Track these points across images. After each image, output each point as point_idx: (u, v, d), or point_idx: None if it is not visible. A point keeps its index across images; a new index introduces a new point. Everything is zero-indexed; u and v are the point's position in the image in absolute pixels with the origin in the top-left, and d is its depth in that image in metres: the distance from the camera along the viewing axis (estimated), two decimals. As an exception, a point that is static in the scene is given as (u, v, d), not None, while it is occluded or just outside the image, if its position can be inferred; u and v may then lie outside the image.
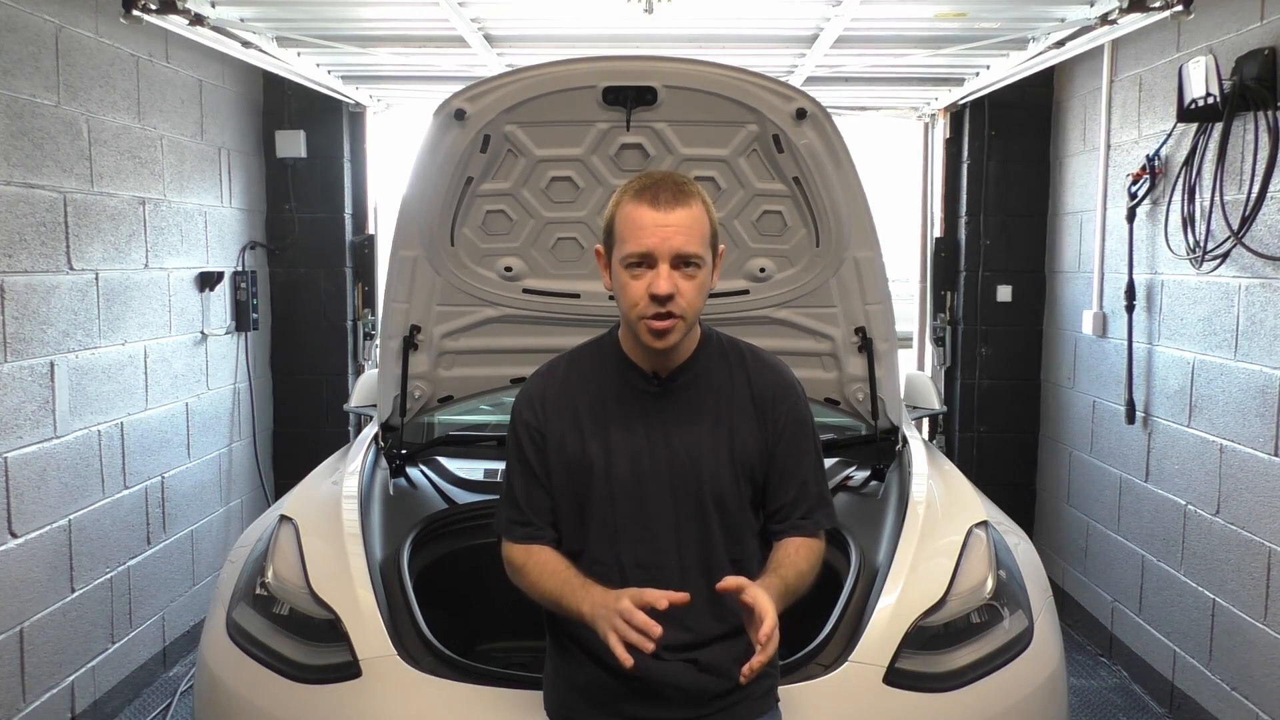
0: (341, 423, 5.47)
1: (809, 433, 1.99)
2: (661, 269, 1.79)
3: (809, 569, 1.91)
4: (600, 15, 3.92)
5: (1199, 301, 3.81)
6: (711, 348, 1.98)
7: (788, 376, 2.02)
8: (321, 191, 5.43)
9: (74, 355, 3.66)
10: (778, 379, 1.99)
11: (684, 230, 1.79)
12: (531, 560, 1.93)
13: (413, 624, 2.39)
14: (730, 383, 1.96)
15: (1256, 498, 3.45)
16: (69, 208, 3.60)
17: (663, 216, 1.79)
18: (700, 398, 1.94)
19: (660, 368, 1.93)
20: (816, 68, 4.61)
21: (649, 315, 1.81)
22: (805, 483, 1.96)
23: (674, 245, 1.79)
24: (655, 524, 1.92)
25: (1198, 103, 3.57)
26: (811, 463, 1.98)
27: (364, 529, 2.70)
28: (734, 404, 1.94)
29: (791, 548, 1.92)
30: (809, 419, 1.99)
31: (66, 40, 3.59)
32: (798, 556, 1.90)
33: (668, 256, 1.79)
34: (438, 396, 3.38)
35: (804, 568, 1.90)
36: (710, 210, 1.87)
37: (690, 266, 1.81)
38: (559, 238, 3.09)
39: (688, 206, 1.81)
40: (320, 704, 2.26)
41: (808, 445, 1.98)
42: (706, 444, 1.92)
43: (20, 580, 3.39)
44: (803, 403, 2.00)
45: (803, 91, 2.81)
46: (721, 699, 1.93)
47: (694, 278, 1.82)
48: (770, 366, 2.01)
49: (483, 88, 2.78)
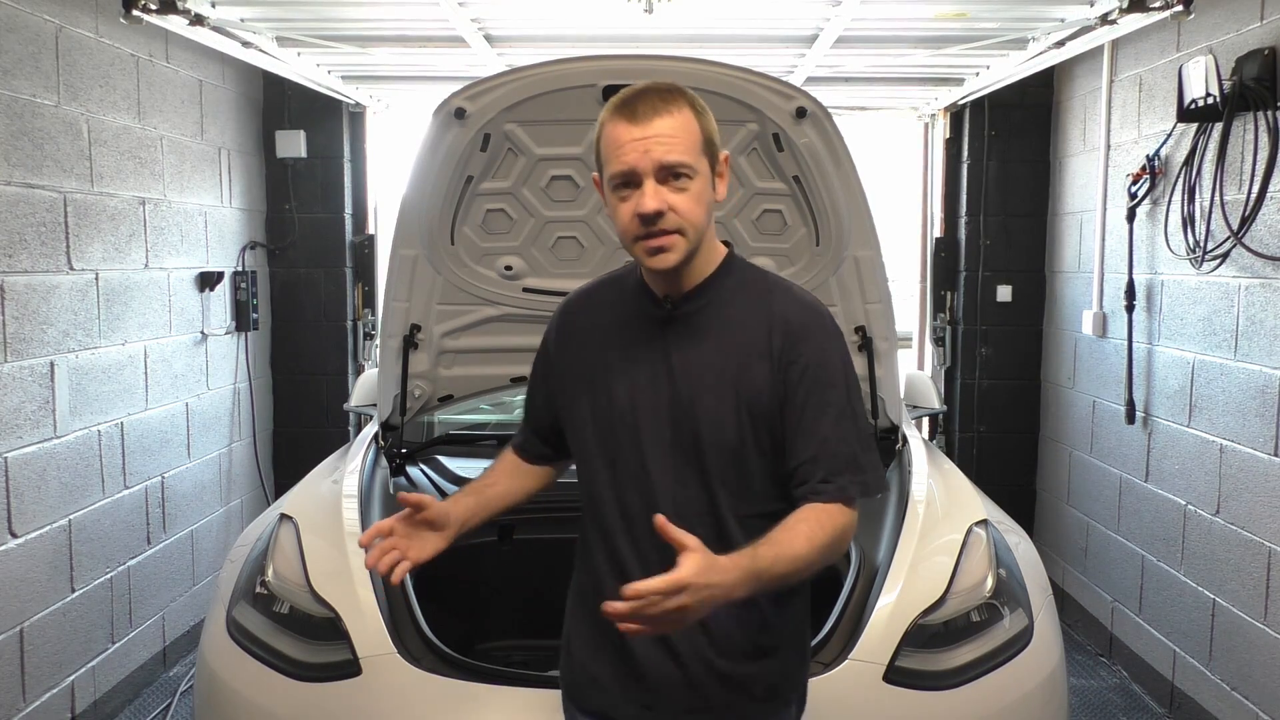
0: (341, 422, 5.47)
1: (837, 381, 1.71)
2: (647, 185, 1.65)
3: (809, 550, 1.59)
4: (600, 15, 3.92)
5: (1199, 301, 3.81)
6: (733, 275, 1.78)
7: (815, 314, 1.75)
8: (321, 191, 5.43)
9: (74, 355, 3.66)
10: (802, 315, 1.74)
11: (666, 139, 1.65)
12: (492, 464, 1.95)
13: (413, 622, 2.39)
14: (747, 315, 1.74)
15: (1256, 498, 3.45)
16: (69, 208, 3.61)
17: (641, 130, 1.65)
18: (708, 327, 1.75)
19: (672, 291, 1.77)
20: (816, 67, 4.61)
21: (642, 235, 1.68)
22: (826, 440, 1.68)
23: (655, 157, 1.64)
24: (652, 465, 1.76)
25: (1198, 103, 3.58)
26: (835, 417, 1.69)
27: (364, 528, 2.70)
28: (747, 339, 1.72)
29: (797, 519, 1.63)
30: (838, 366, 1.72)
31: (66, 40, 3.59)
32: (794, 532, 1.60)
33: (651, 171, 1.65)
34: (438, 395, 3.38)
35: (799, 547, 1.59)
36: (702, 114, 1.71)
37: (680, 178, 1.66)
38: (559, 236, 3.10)
39: (669, 114, 1.66)
40: (320, 702, 2.26)
41: (832, 396, 1.69)
42: (708, 381, 1.73)
43: (20, 580, 3.39)
44: (831, 346, 1.73)
45: (803, 90, 2.81)
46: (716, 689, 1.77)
47: (685, 189, 1.66)
48: (797, 300, 1.76)
49: (483, 86, 2.79)
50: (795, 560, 1.59)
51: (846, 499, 1.67)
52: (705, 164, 1.70)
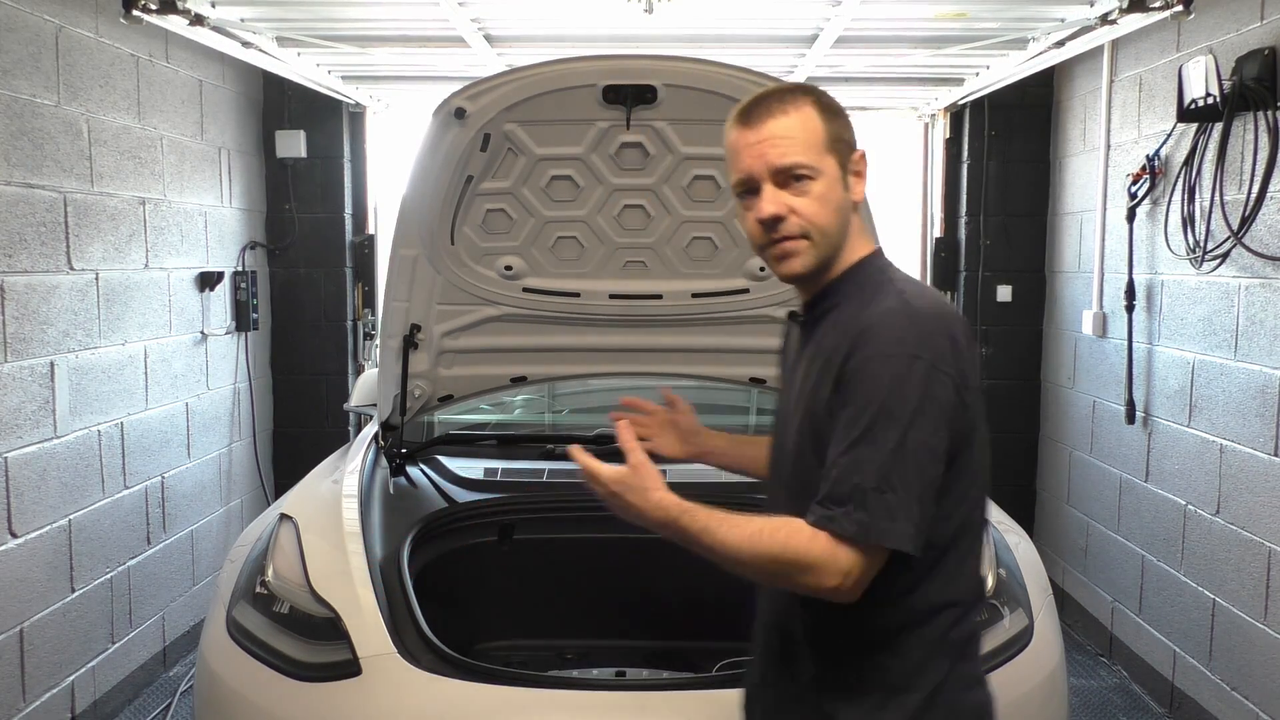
0: (341, 423, 5.47)
1: (873, 400, 1.48)
2: (765, 190, 1.58)
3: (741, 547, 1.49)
4: (600, 15, 3.92)
5: (1199, 301, 3.81)
6: (853, 279, 1.64)
7: (890, 320, 1.53)
8: (321, 191, 5.43)
9: (74, 355, 3.66)
10: (876, 319, 1.54)
11: (780, 141, 1.57)
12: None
13: (413, 622, 2.39)
14: (845, 321, 1.59)
15: (1256, 498, 3.44)
16: (69, 208, 3.61)
17: (755, 134, 1.59)
18: (822, 338, 1.62)
19: (810, 299, 1.69)
20: (816, 68, 4.61)
21: (766, 243, 1.61)
22: (838, 462, 1.49)
23: (769, 160, 1.57)
24: (770, 474, 1.77)
25: (1198, 103, 3.58)
26: (855, 440, 1.47)
27: (364, 528, 2.70)
28: (831, 346, 1.58)
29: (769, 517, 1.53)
30: (882, 383, 1.48)
31: (66, 40, 3.59)
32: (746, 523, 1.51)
33: (768, 175, 1.58)
34: (438, 395, 3.38)
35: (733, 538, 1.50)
36: (828, 112, 1.61)
37: (801, 180, 1.57)
38: (559, 236, 3.10)
39: (784, 115, 1.58)
40: (320, 702, 2.26)
41: (863, 417, 1.48)
42: (800, 391, 1.64)
43: (20, 580, 3.38)
44: (878, 359, 1.49)
45: (803, 90, 2.81)
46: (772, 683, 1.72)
47: (808, 191, 1.57)
48: (886, 305, 1.56)
49: (483, 86, 2.79)
50: (721, 544, 1.51)
51: (833, 530, 1.46)
52: (831, 162, 1.59)
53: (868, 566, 1.47)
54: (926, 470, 1.48)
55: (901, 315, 1.53)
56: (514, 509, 3.06)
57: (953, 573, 1.57)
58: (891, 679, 1.57)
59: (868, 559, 1.46)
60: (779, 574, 1.51)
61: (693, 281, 3.17)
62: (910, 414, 1.47)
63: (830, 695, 1.61)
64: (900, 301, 1.56)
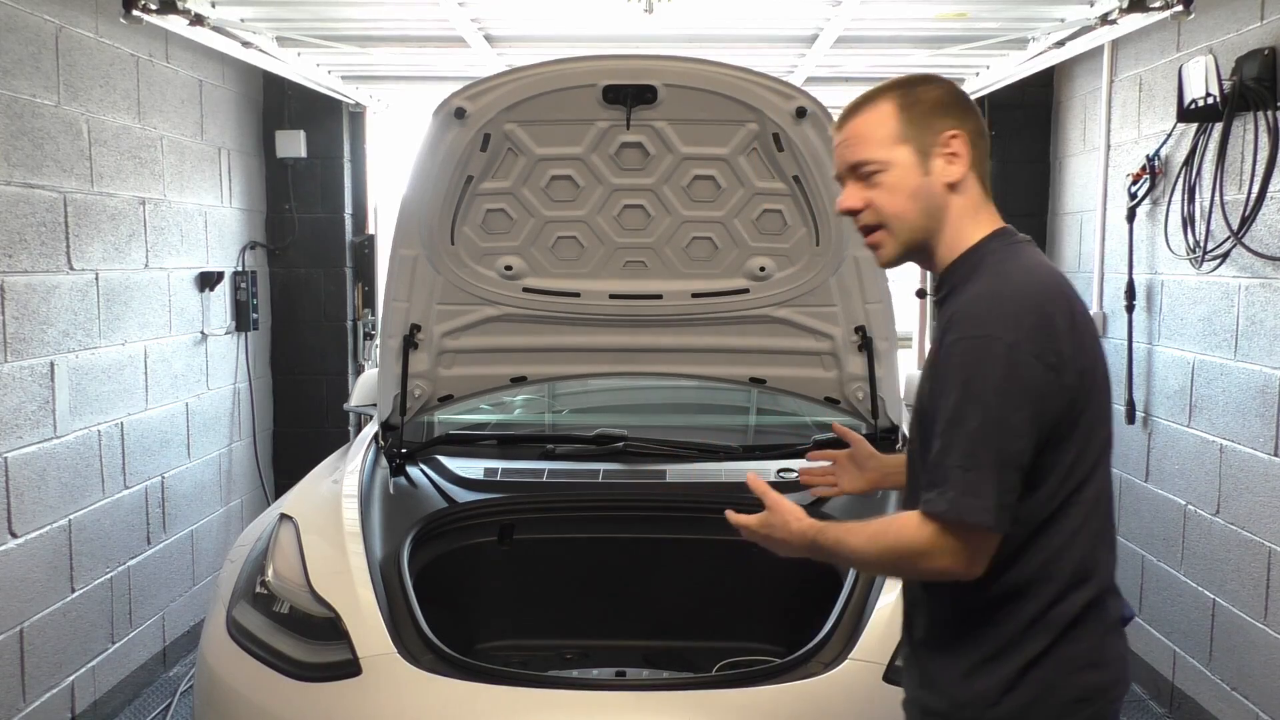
0: (341, 423, 5.47)
1: (955, 382, 1.53)
2: (846, 186, 1.71)
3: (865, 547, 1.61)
4: (600, 15, 3.92)
5: (1199, 301, 3.81)
6: (968, 262, 1.66)
7: (978, 304, 1.57)
8: (321, 191, 5.43)
9: (74, 355, 3.66)
10: (966, 305, 1.58)
11: (851, 141, 1.68)
12: None
13: (413, 622, 2.39)
14: (953, 305, 1.63)
15: (1256, 498, 3.44)
16: (69, 208, 3.61)
17: (839, 135, 1.72)
18: (941, 318, 1.66)
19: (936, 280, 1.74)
20: (816, 68, 4.61)
21: (861, 234, 1.74)
22: (934, 446, 1.56)
23: (845, 160, 1.69)
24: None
25: (1198, 103, 3.57)
26: (944, 423, 1.54)
27: (364, 528, 2.71)
28: (937, 338, 1.63)
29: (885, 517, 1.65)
30: (960, 367, 1.54)
31: (66, 40, 3.59)
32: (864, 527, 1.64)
33: (845, 172, 1.71)
34: (438, 395, 3.38)
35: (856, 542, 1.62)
36: (906, 103, 1.66)
37: (872, 174, 1.66)
38: (559, 236, 3.09)
39: (860, 114, 1.68)
40: (320, 702, 2.26)
41: (946, 402, 1.54)
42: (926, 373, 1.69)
43: (20, 580, 3.38)
44: (961, 343, 1.54)
45: (803, 90, 2.82)
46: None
47: (879, 184, 1.66)
48: (979, 287, 1.60)
49: (483, 86, 2.79)
50: (852, 551, 1.65)
51: (928, 512, 1.54)
52: (905, 152, 1.64)
53: (973, 543, 1.53)
54: (1008, 449, 1.51)
55: (985, 298, 1.57)
56: (514, 509, 3.06)
57: (1055, 550, 1.59)
58: (985, 648, 1.63)
59: (969, 537, 1.52)
60: (902, 566, 1.65)
61: (693, 281, 3.17)
62: (990, 394, 1.51)
63: (932, 656, 1.71)
64: (989, 285, 1.59)
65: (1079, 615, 1.63)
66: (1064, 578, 1.61)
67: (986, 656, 1.62)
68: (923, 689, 1.73)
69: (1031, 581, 1.60)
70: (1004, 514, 1.51)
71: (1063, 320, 1.56)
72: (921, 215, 1.66)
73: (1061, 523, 1.59)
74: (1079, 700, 1.63)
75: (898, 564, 1.63)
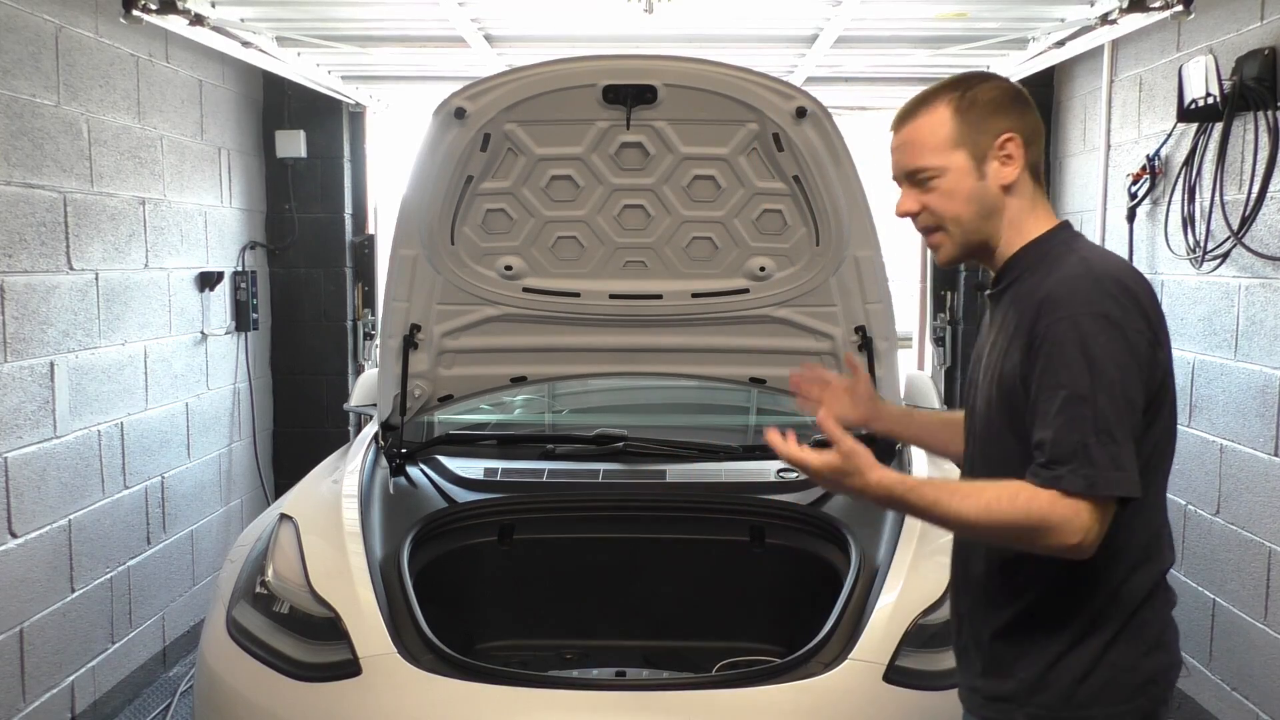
0: (341, 423, 5.47)
1: (1074, 360, 1.54)
2: (903, 190, 1.77)
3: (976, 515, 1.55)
4: (600, 15, 3.92)
5: (1199, 301, 3.81)
6: (1034, 253, 1.70)
7: (1077, 284, 1.59)
8: (321, 191, 5.43)
9: (74, 355, 3.66)
10: (1062, 286, 1.60)
11: (907, 147, 1.74)
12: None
13: (413, 622, 2.39)
14: (1029, 292, 1.65)
15: (1256, 498, 3.44)
16: (69, 208, 3.61)
17: (895, 139, 1.77)
18: (1005, 312, 1.71)
19: (991, 276, 1.80)
20: (816, 68, 4.61)
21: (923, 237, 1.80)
22: (1054, 424, 1.54)
23: (902, 166, 1.75)
24: (966, 445, 1.84)
25: (1198, 103, 3.57)
26: (1065, 399, 1.54)
27: (364, 528, 2.71)
28: (1020, 318, 1.64)
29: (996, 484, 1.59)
30: (1079, 341, 1.54)
31: (66, 40, 3.59)
32: (977, 492, 1.58)
33: (901, 178, 1.77)
34: (438, 395, 3.38)
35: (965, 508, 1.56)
36: (961, 106, 1.70)
37: (927, 180, 1.71)
38: (559, 236, 3.09)
39: (913, 119, 1.73)
40: (320, 702, 2.26)
41: (1065, 377, 1.54)
42: (988, 364, 1.73)
43: (20, 580, 3.38)
44: (1068, 321, 1.56)
45: (803, 90, 2.82)
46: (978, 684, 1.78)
47: (935, 188, 1.71)
48: (1071, 271, 1.62)
49: (483, 86, 2.79)
50: (955, 515, 1.58)
51: (1063, 489, 1.52)
52: (960, 156, 1.69)
53: (1103, 519, 1.53)
54: (1131, 421, 1.55)
55: (1086, 279, 1.59)
56: (514, 509, 3.06)
57: (1130, 528, 1.61)
58: (1063, 635, 1.65)
59: (1102, 512, 1.52)
60: (1020, 538, 1.57)
61: (693, 281, 3.17)
62: (1114, 368, 1.54)
63: (1008, 646, 1.70)
64: (1084, 267, 1.62)
65: (1148, 595, 1.67)
66: (1134, 556, 1.64)
67: (1071, 641, 1.65)
68: (986, 677, 1.75)
69: (1106, 561, 1.60)
70: (1120, 478, 1.53)
71: (1147, 300, 1.61)
72: (978, 217, 1.71)
73: (1138, 501, 1.59)
74: (1148, 682, 1.67)
75: (1014, 537, 1.58)
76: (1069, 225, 1.75)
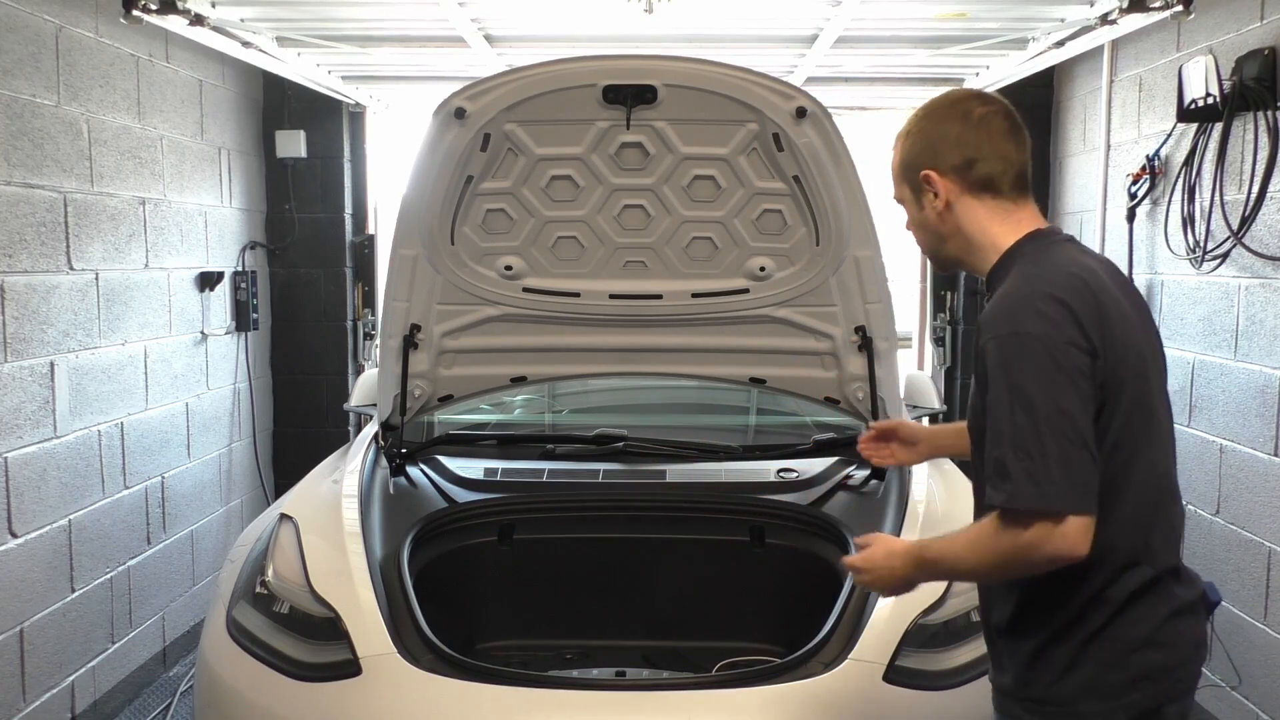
0: (341, 423, 5.47)
1: (995, 384, 1.62)
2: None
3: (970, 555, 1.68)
4: (600, 15, 3.92)
5: (1199, 301, 3.81)
6: (1001, 267, 1.77)
7: (995, 308, 1.68)
8: (321, 191, 5.43)
9: (74, 355, 3.66)
10: (988, 309, 1.70)
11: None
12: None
13: (413, 622, 2.39)
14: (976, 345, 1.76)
15: (1256, 498, 3.44)
16: (69, 208, 3.61)
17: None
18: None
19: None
20: (816, 68, 4.61)
21: None
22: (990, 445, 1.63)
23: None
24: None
25: (1197, 103, 3.57)
26: (993, 418, 1.62)
27: (364, 528, 2.71)
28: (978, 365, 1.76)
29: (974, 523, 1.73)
30: (998, 365, 1.62)
31: (66, 40, 3.59)
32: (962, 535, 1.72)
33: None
34: (438, 395, 3.38)
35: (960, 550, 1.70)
36: (905, 143, 1.86)
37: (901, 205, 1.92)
38: (559, 236, 3.09)
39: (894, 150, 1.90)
40: (320, 702, 2.26)
41: (989, 400, 1.64)
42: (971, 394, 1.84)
43: (20, 580, 3.38)
44: (993, 344, 1.64)
45: (803, 90, 2.82)
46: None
47: (908, 214, 1.90)
48: (997, 295, 1.71)
49: (483, 86, 2.79)
50: (957, 562, 1.74)
51: (996, 509, 1.61)
52: (906, 190, 1.88)
53: (1059, 526, 1.56)
54: (1065, 433, 1.57)
55: (1014, 297, 1.66)
56: (514, 509, 3.06)
57: (1104, 533, 1.62)
58: (1049, 629, 1.71)
59: (1050, 521, 1.56)
60: (1012, 567, 1.65)
61: (693, 281, 3.17)
62: (1033, 385, 1.58)
63: (1005, 640, 1.80)
64: (1019, 283, 1.68)
65: (1133, 596, 1.68)
66: (1116, 560, 1.67)
67: (1049, 638, 1.71)
68: (996, 670, 1.84)
69: (1092, 562, 1.62)
70: (1080, 494, 1.57)
71: (1085, 310, 1.63)
72: (935, 244, 1.87)
73: (1108, 505, 1.62)
74: (1140, 679, 1.69)
75: (1007, 566, 1.65)
76: (1040, 234, 1.78)
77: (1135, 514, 1.68)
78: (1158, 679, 1.69)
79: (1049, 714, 1.71)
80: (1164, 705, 1.70)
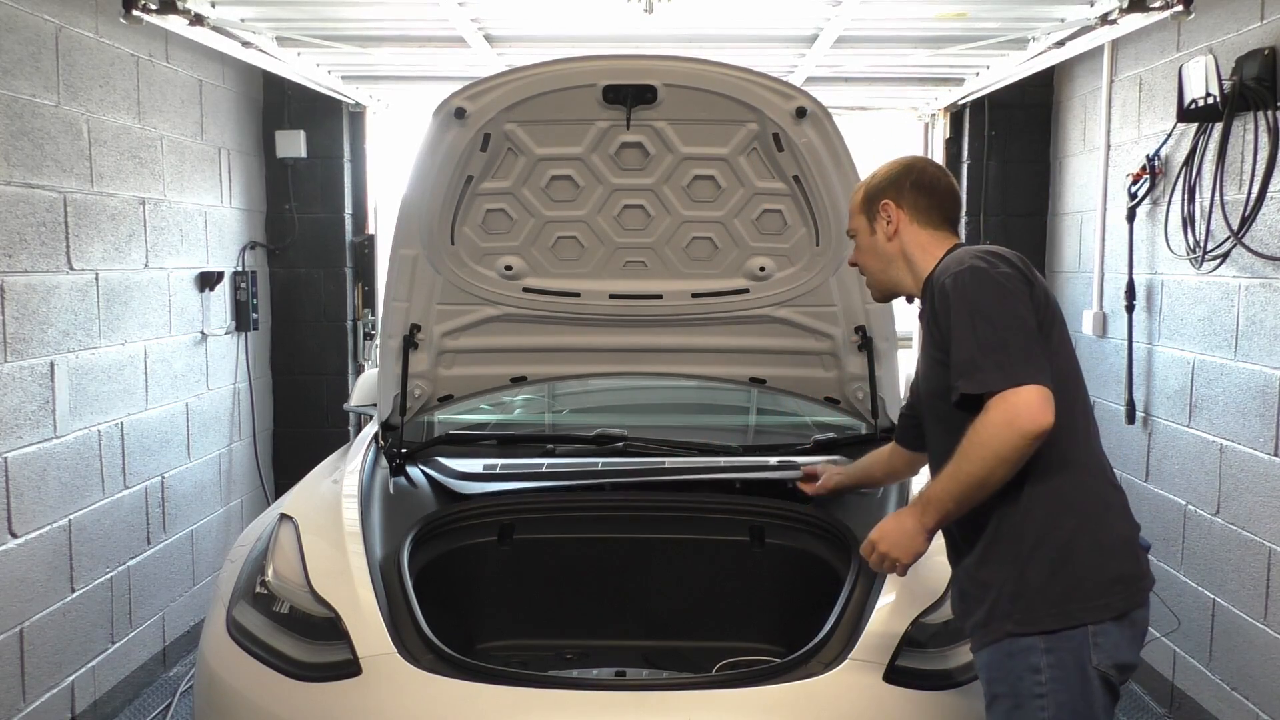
0: (341, 423, 5.47)
1: (960, 306, 1.93)
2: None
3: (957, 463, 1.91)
4: (600, 15, 3.93)
5: (1199, 301, 3.81)
6: (934, 271, 2.08)
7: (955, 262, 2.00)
8: (321, 191, 5.43)
9: (74, 355, 3.66)
10: (943, 272, 2.01)
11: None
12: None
13: (413, 622, 2.39)
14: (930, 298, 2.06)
15: (1256, 498, 3.45)
16: (69, 208, 3.61)
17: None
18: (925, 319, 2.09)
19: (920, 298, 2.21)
20: (816, 67, 4.61)
21: None
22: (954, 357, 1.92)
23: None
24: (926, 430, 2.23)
25: (1198, 103, 3.57)
26: (958, 337, 1.92)
27: (364, 527, 2.71)
28: (930, 313, 2.05)
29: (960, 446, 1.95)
30: (957, 295, 1.94)
31: (66, 40, 3.59)
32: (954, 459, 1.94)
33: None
34: (438, 395, 3.38)
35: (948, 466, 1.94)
36: (868, 180, 2.23)
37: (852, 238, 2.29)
38: (559, 236, 3.10)
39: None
40: (320, 702, 2.26)
41: (954, 320, 1.93)
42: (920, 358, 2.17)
43: (20, 580, 3.38)
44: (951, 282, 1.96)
45: (803, 90, 2.82)
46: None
47: (858, 245, 2.26)
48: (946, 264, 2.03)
49: (483, 86, 2.79)
50: (954, 479, 1.92)
51: (964, 400, 1.88)
52: (861, 220, 2.23)
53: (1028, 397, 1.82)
54: (1021, 331, 1.88)
55: (953, 260, 2.02)
56: (514, 509, 3.06)
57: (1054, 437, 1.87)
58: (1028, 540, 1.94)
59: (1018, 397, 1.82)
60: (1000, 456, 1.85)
61: (693, 281, 3.17)
62: (989, 299, 1.90)
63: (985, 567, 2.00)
64: (957, 252, 2.06)
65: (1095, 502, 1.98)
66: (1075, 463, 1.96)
67: (1031, 548, 1.93)
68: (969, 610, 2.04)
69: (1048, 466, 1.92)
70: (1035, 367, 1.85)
71: (1014, 259, 1.99)
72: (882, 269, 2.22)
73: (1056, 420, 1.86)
74: (1116, 580, 1.94)
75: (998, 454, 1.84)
76: (956, 246, 2.14)
77: (1078, 423, 1.98)
78: (1129, 583, 1.95)
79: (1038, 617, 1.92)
80: (1133, 611, 1.95)
